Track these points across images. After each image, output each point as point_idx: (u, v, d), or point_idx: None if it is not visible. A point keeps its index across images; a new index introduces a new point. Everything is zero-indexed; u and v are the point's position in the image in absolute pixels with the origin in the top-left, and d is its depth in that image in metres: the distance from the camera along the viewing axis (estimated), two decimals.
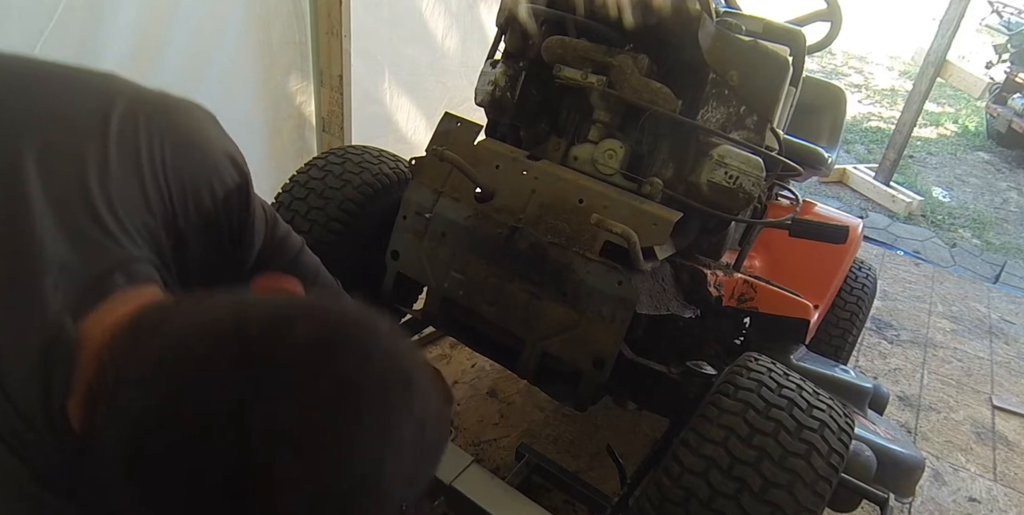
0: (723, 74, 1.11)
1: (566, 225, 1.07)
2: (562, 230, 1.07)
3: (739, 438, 0.93)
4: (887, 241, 4.06)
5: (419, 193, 1.19)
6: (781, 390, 1.00)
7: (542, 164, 1.16)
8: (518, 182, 1.13)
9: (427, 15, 2.55)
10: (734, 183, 1.08)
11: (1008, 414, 2.54)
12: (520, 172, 1.14)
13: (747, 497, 0.89)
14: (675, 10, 1.09)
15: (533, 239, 1.08)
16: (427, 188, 1.18)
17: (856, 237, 2.16)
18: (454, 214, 1.15)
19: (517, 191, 1.12)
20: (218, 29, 1.86)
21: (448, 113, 1.24)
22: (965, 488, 2.12)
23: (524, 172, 1.14)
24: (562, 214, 1.09)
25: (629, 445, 1.98)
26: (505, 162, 1.16)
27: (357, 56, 2.19)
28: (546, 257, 1.08)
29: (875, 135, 6.16)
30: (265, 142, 2.19)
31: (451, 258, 1.15)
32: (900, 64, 9.12)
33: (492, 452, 1.88)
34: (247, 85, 2.04)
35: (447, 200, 1.16)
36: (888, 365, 2.74)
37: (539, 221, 1.09)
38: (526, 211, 1.11)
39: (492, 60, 1.32)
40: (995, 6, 6.78)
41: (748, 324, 1.60)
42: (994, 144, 6.33)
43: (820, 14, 1.79)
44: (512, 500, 1.07)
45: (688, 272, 1.21)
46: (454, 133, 1.20)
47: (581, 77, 1.15)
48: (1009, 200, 5.24)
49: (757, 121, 1.12)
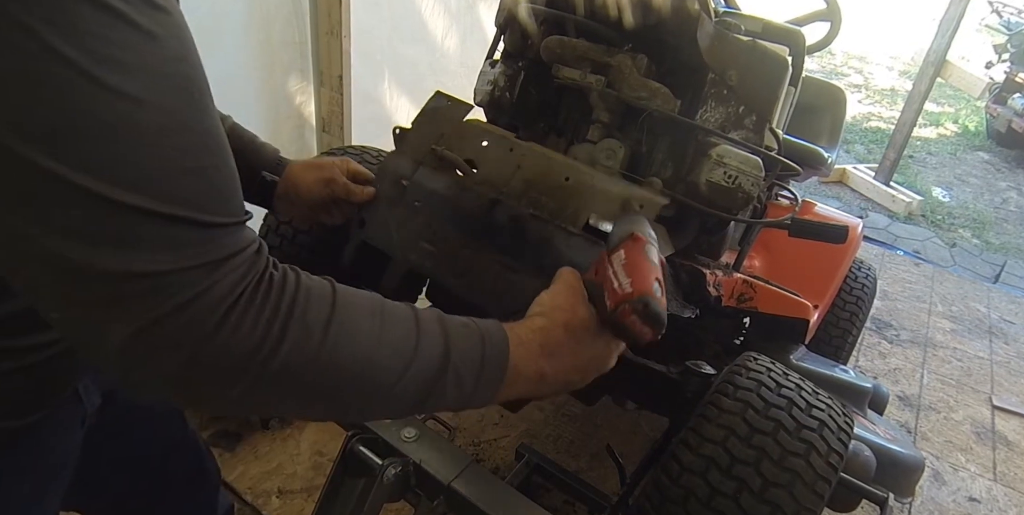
0: (722, 74, 1.11)
1: (550, 200, 1.04)
2: (545, 204, 1.04)
3: (738, 437, 0.93)
4: (887, 241, 4.06)
5: (398, 162, 1.14)
6: (780, 389, 1.00)
7: (530, 144, 1.14)
8: (504, 157, 1.10)
9: (427, 15, 2.55)
10: (733, 183, 1.08)
11: (1008, 414, 2.54)
12: (507, 149, 1.11)
13: (746, 496, 0.89)
14: (675, 10, 1.09)
15: (514, 212, 1.04)
16: (408, 157, 1.14)
17: (856, 237, 2.16)
18: (433, 183, 1.10)
19: (501, 165, 1.09)
20: (218, 29, 1.87)
21: (439, 91, 1.22)
22: (965, 488, 2.12)
23: (511, 150, 1.11)
24: (546, 189, 1.05)
25: (629, 445, 1.98)
26: (492, 139, 1.13)
27: (357, 56, 2.19)
28: (526, 230, 1.04)
29: (875, 135, 6.17)
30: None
31: (423, 228, 1.08)
32: (900, 64, 9.13)
33: (492, 452, 1.88)
34: (247, 85, 2.04)
35: (427, 170, 1.12)
36: (888, 365, 2.74)
37: (522, 195, 1.06)
38: (509, 185, 1.07)
39: (491, 60, 1.32)
40: (995, 6, 6.78)
41: (748, 324, 1.60)
42: (994, 144, 6.33)
43: (820, 14, 1.79)
44: (512, 500, 1.07)
45: (687, 272, 1.21)
46: (442, 111, 1.18)
47: (580, 77, 1.15)
48: (1009, 200, 5.25)
49: (756, 121, 1.12)
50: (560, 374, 0.65)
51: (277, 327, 0.46)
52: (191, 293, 0.43)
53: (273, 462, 1.74)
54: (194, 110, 0.45)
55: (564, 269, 0.74)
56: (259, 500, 1.64)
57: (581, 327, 0.66)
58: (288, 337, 0.47)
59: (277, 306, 0.47)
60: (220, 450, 1.74)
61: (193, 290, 0.43)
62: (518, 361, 0.61)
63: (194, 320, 0.43)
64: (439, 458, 1.09)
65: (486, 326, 0.61)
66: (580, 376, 0.68)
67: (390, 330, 0.54)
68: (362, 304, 0.54)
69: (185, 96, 0.44)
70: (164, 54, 0.43)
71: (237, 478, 1.68)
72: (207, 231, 0.45)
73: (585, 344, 0.67)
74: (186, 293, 0.43)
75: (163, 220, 0.42)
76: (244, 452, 1.76)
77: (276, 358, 0.46)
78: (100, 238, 0.41)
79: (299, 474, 1.72)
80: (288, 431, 1.84)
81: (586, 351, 0.67)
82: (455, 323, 0.59)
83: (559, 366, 0.65)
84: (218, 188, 0.47)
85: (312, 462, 1.76)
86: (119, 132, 0.40)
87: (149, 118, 0.41)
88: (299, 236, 1.43)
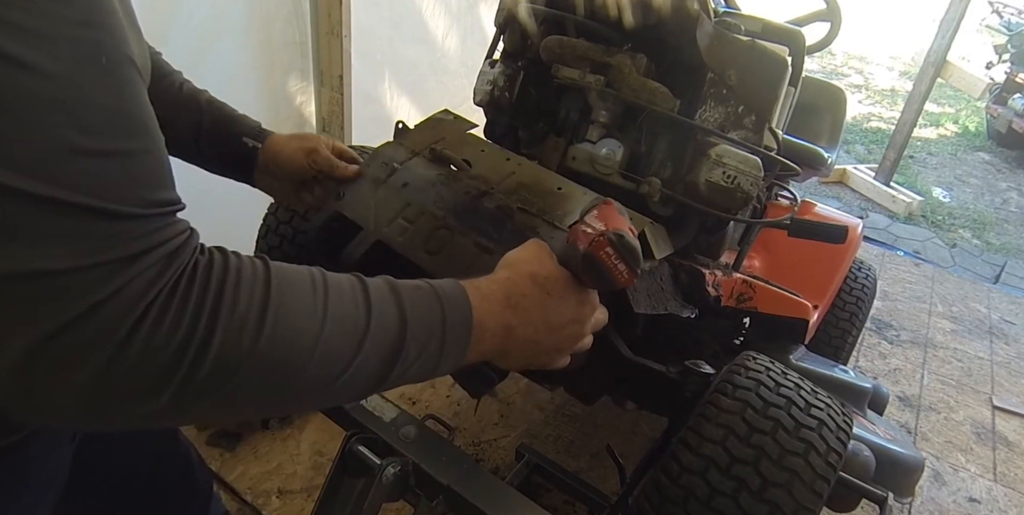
0: (721, 74, 1.11)
1: (540, 201, 1.01)
2: (535, 203, 1.01)
3: (737, 437, 0.93)
4: (887, 241, 4.06)
5: (395, 149, 1.11)
6: (779, 389, 1.00)
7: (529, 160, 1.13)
8: (500, 163, 1.08)
9: (427, 15, 2.55)
10: (732, 183, 1.09)
11: (1008, 414, 2.54)
12: (504, 158, 1.10)
13: (746, 496, 0.89)
14: (674, 10, 1.09)
15: (502, 202, 1.01)
16: (405, 148, 1.11)
17: (856, 237, 2.16)
18: (425, 171, 1.07)
19: (497, 168, 1.07)
20: (218, 29, 1.87)
21: (446, 110, 1.23)
22: (965, 488, 2.12)
23: (508, 159, 1.10)
24: (538, 193, 1.03)
25: (629, 445, 1.98)
26: (491, 149, 1.12)
27: (357, 56, 2.20)
28: (511, 219, 1.00)
29: (875, 135, 6.17)
30: None
31: (405, 207, 1.03)
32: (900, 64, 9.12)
33: (492, 452, 1.88)
34: (247, 85, 2.04)
35: (422, 160, 1.09)
36: (888, 365, 2.74)
37: (512, 192, 1.03)
38: (502, 183, 1.05)
39: (491, 60, 1.32)
40: (995, 6, 6.78)
41: (747, 324, 1.60)
42: (994, 144, 6.33)
43: (820, 14, 1.80)
44: (512, 500, 1.07)
45: (686, 272, 1.21)
46: (447, 122, 1.18)
47: (579, 77, 1.15)
48: (1009, 200, 5.24)
49: (755, 121, 1.12)
50: (528, 329, 0.60)
51: (204, 323, 0.41)
52: (99, 296, 0.37)
53: (273, 462, 1.74)
54: (102, 84, 0.39)
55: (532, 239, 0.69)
56: (259, 500, 1.64)
57: (549, 278, 0.62)
58: (218, 332, 0.41)
59: (202, 299, 0.41)
60: (220, 450, 1.74)
61: (101, 292, 0.37)
62: (482, 316, 0.56)
63: (103, 328, 0.37)
64: (439, 458, 1.09)
65: (441, 285, 0.56)
66: (553, 339, 0.63)
67: (336, 306, 0.48)
68: (300, 280, 0.48)
69: (91, 67, 0.38)
70: (68, 16, 0.37)
71: (237, 478, 1.68)
72: (113, 223, 0.38)
73: (554, 298, 0.62)
74: (92, 296, 0.37)
75: (54, 208, 0.36)
76: (244, 452, 1.76)
77: (206, 358, 0.40)
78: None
79: (299, 474, 1.72)
80: (288, 431, 1.84)
81: (556, 306, 0.62)
82: (407, 287, 0.54)
83: (526, 319, 0.60)
84: (131, 175, 0.40)
85: (312, 462, 1.76)
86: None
87: (39, 88, 0.35)
88: (299, 236, 1.43)
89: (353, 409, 1.16)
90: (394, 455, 1.09)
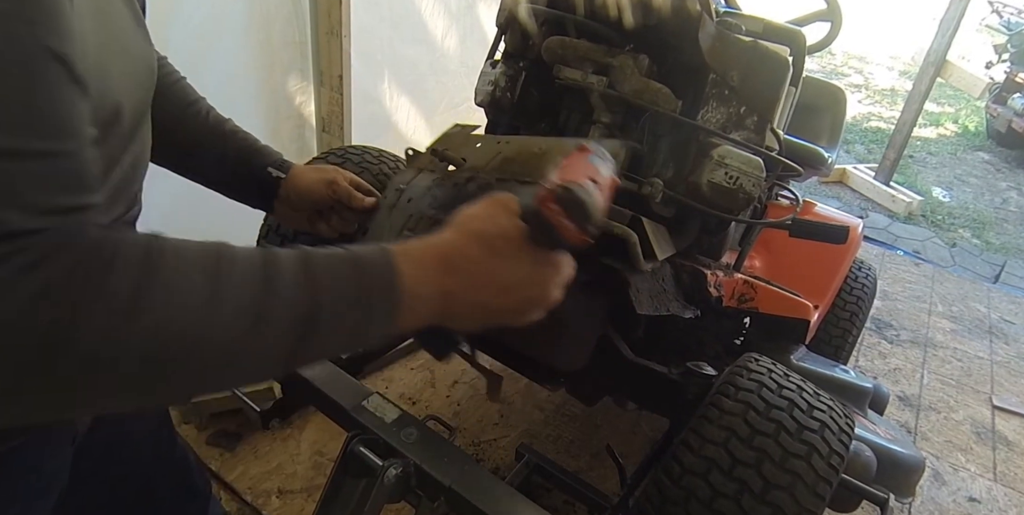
0: (723, 74, 1.11)
1: (520, 167, 1.01)
2: (515, 170, 1.01)
3: (739, 439, 0.93)
4: (887, 241, 4.06)
5: (404, 174, 1.15)
6: (781, 391, 1.00)
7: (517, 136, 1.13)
8: (491, 148, 1.09)
9: (427, 15, 2.55)
10: (734, 183, 1.08)
11: (1008, 414, 2.55)
12: (495, 142, 1.10)
13: (747, 498, 0.89)
14: (675, 10, 1.09)
15: (483, 181, 1.03)
16: (412, 169, 1.15)
17: (856, 237, 2.17)
18: (425, 182, 1.10)
19: (486, 155, 1.08)
20: (218, 29, 1.86)
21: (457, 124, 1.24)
22: (965, 488, 2.12)
23: (498, 142, 1.11)
24: (520, 160, 1.03)
25: (629, 445, 1.98)
26: (487, 140, 1.13)
27: (357, 56, 2.19)
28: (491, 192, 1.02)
29: (875, 135, 6.17)
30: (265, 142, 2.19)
31: (407, 219, 1.07)
32: (900, 64, 9.13)
33: (492, 452, 1.88)
34: (247, 85, 2.04)
35: (425, 173, 1.12)
36: (888, 365, 2.74)
37: (497, 170, 1.04)
38: (488, 165, 1.06)
39: (492, 60, 1.32)
40: (995, 6, 6.79)
41: (748, 324, 1.60)
42: (994, 144, 6.33)
43: (820, 14, 1.80)
44: (512, 500, 1.07)
45: (688, 272, 1.21)
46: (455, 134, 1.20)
47: (581, 77, 1.15)
48: (1009, 200, 5.25)
49: (757, 121, 1.12)
50: (473, 293, 0.56)
51: (66, 309, 0.38)
52: None
53: (273, 462, 1.74)
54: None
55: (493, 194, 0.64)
56: (259, 500, 1.64)
57: (501, 238, 0.57)
58: (81, 318, 0.38)
59: (67, 282, 0.38)
60: (220, 450, 1.74)
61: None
62: (411, 282, 0.53)
63: None
64: (439, 459, 1.09)
65: (360, 251, 0.53)
66: (506, 301, 0.59)
67: (229, 284, 0.45)
68: (192, 258, 0.45)
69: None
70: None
71: (237, 478, 1.68)
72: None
73: (504, 258, 0.57)
74: None
75: None
76: (244, 452, 1.75)
77: (74, 347, 0.38)
78: None
79: (299, 474, 1.72)
80: (288, 431, 1.84)
81: (506, 267, 0.57)
82: (319, 256, 0.51)
83: (469, 282, 0.56)
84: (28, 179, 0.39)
85: (312, 462, 1.76)
86: None
87: None
88: (299, 236, 1.43)
89: (355, 410, 1.16)
90: (396, 456, 1.08)
